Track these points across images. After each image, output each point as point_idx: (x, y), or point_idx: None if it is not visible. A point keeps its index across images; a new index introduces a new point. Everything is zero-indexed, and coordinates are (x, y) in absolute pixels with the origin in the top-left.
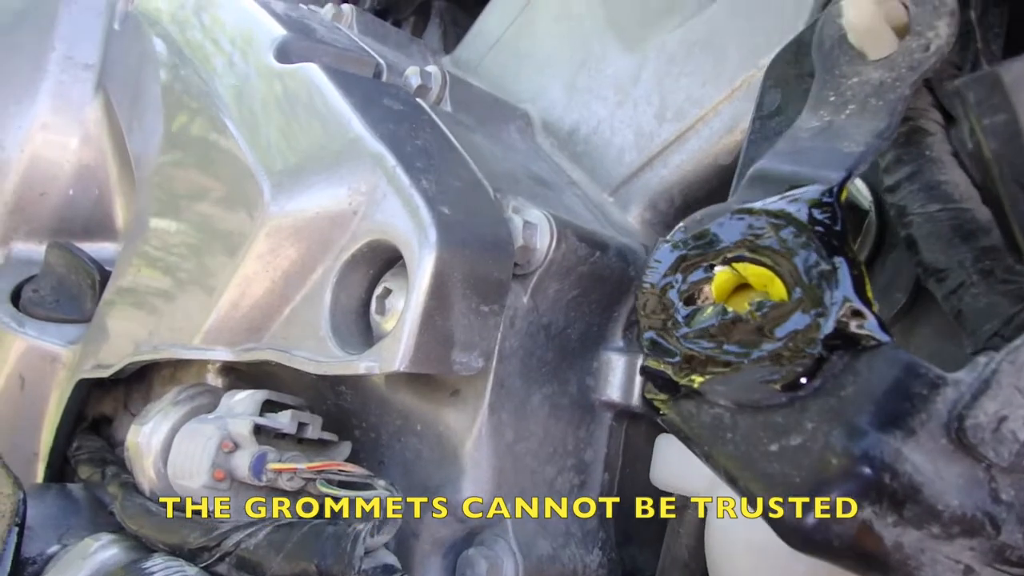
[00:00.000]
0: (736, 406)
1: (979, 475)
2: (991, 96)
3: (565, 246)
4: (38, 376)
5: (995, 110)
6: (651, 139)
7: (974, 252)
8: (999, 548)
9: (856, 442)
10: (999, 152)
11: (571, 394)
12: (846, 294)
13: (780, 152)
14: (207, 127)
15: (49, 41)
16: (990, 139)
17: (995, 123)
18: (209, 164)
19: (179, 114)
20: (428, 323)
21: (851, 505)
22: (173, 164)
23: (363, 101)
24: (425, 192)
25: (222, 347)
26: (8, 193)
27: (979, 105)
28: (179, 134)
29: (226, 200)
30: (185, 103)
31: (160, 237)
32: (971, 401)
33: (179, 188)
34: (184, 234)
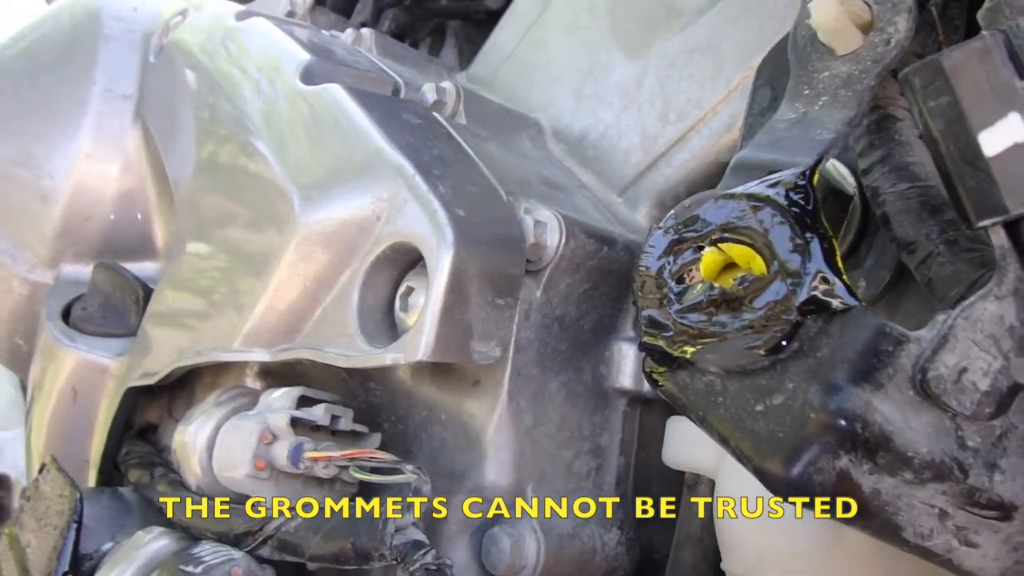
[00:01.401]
0: (725, 372)
1: (945, 424)
2: (934, 81)
3: (574, 242)
4: (89, 388)
5: (938, 93)
6: (655, 141)
7: (940, 225)
8: (968, 491)
9: (831, 397)
10: (944, 131)
11: (586, 382)
12: (818, 266)
13: (759, 142)
14: (236, 152)
15: (91, 76)
16: (936, 120)
17: (939, 105)
18: (239, 189)
19: (208, 142)
20: (448, 315)
21: (829, 455)
22: (207, 189)
23: (383, 116)
24: (442, 197)
25: (260, 348)
26: (56, 219)
27: (924, 89)
28: (209, 160)
29: (256, 223)
30: (214, 131)
31: (194, 262)
32: (932, 355)
33: (209, 214)
34: (217, 258)
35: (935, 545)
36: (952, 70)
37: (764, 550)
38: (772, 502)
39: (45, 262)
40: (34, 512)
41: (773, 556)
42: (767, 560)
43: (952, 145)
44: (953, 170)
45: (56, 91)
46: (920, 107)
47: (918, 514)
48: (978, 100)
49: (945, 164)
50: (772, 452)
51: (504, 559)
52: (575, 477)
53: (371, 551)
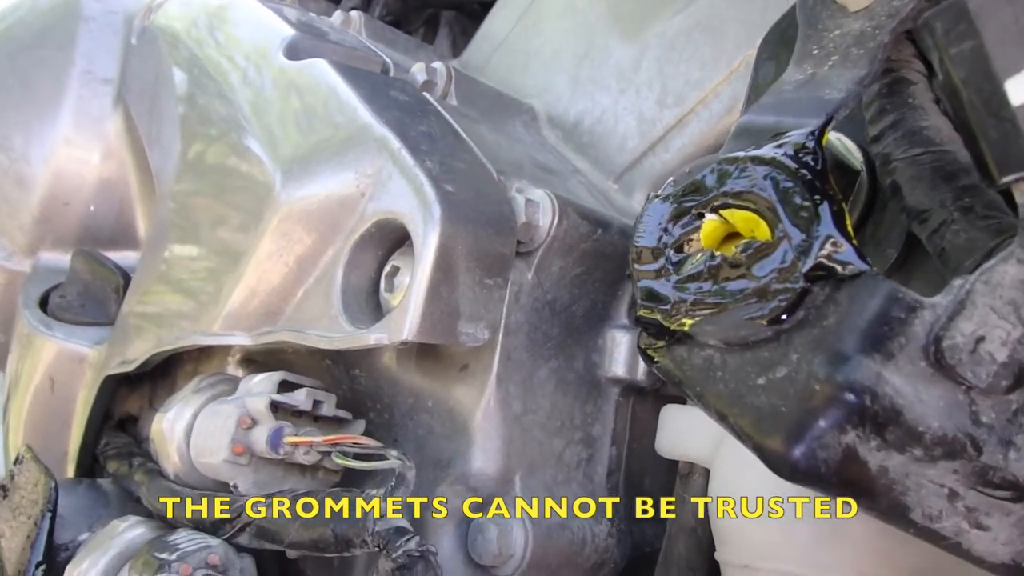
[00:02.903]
0: (725, 345)
1: (959, 398)
2: (957, 24)
3: (567, 223)
4: (67, 377)
5: (962, 38)
6: (653, 125)
7: (955, 191)
8: (981, 470)
9: (838, 368)
10: (967, 79)
11: (577, 370)
12: (827, 230)
13: (764, 105)
14: (226, 153)
15: (70, 58)
16: (958, 67)
17: (962, 51)
18: (227, 191)
19: (196, 142)
20: (434, 294)
21: (835, 430)
22: (192, 193)
23: (369, 92)
24: (429, 171)
25: (240, 332)
26: (34, 205)
27: (946, 34)
28: (196, 162)
29: (244, 226)
30: (202, 131)
31: (178, 260)
32: (947, 322)
33: (199, 216)
34: (206, 259)
35: (944, 528)
36: (977, 12)
37: (760, 540)
38: (772, 501)
39: (23, 250)
40: (9, 503)
41: (770, 546)
42: (763, 550)
43: (975, 94)
44: (976, 122)
45: (34, 74)
46: (941, 54)
47: (927, 494)
48: (1005, 45)
49: (967, 116)
50: (774, 428)
51: (491, 548)
52: (565, 467)
53: (352, 538)
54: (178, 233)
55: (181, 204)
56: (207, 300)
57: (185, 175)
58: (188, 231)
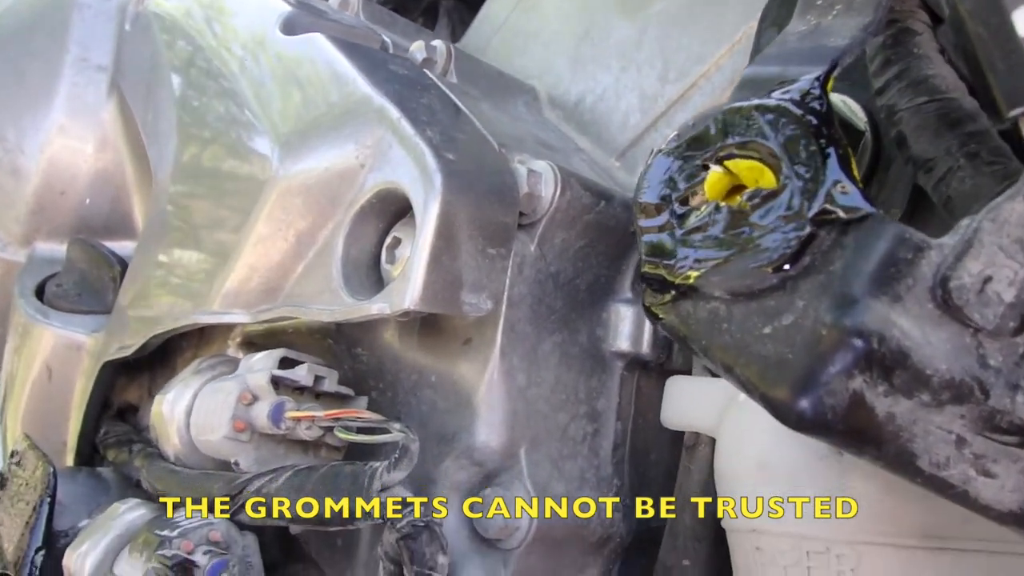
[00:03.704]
0: (731, 296)
1: (966, 340)
2: None
3: (570, 194)
4: (64, 366)
5: None
6: (655, 101)
7: (961, 138)
8: (989, 414)
9: (845, 311)
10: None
11: (581, 343)
12: (834, 174)
13: (768, 55)
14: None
15: (63, 45)
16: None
17: None
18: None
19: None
20: (436, 263)
21: (843, 375)
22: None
23: (368, 65)
24: (430, 140)
25: (239, 309)
26: (29, 195)
27: None
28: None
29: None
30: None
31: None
32: (954, 262)
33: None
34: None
35: (951, 476)
36: None
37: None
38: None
39: (18, 240)
40: (8, 492)
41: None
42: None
43: (982, 27)
44: (983, 56)
45: (27, 62)
46: None
47: (934, 441)
48: None
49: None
50: (780, 377)
51: (496, 522)
52: (571, 441)
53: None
54: (177, 235)
55: (178, 199)
56: (206, 283)
57: (184, 178)
58: (187, 232)
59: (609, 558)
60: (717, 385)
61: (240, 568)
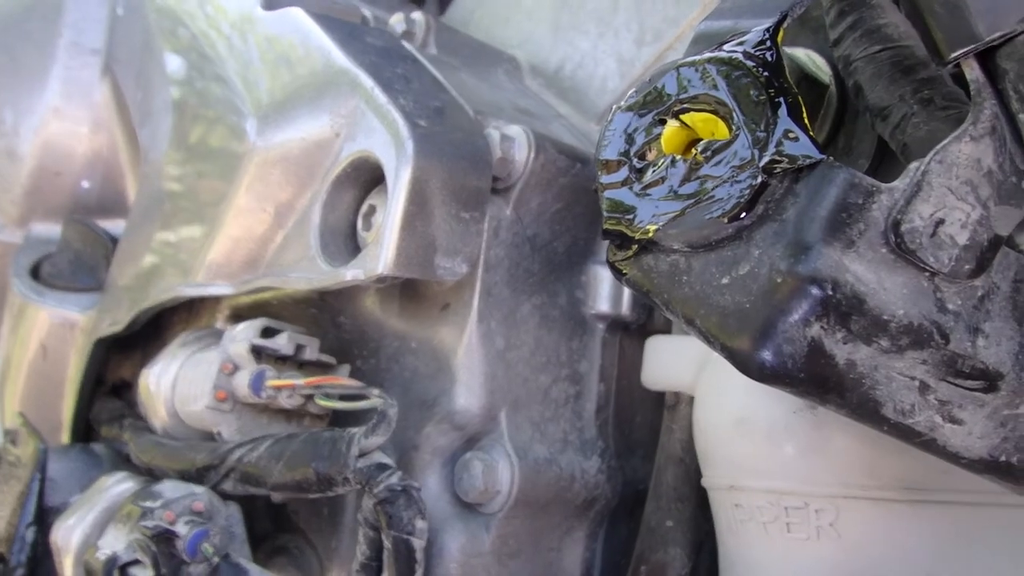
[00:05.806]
0: (689, 248)
1: (923, 284)
2: None
3: (544, 158)
4: (59, 343)
5: None
6: (632, 64)
7: (914, 84)
8: (950, 359)
9: (798, 258)
10: None
11: (561, 306)
12: (784, 123)
13: (721, 9)
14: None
15: (56, 28)
16: None
17: None
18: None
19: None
20: (409, 228)
21: (800, 323)
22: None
23: (344, 38)
24: (402, 108)
25: (223, 281)
26: (24, 177)
27: None
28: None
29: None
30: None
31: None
32: (905, 205)
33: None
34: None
35: (917, 423)
36: None
37: (745, 460)
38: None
39: (14, 221)
40: (3, 469)
41: (755, 465)
42: (749, 469)
43: None
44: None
45: (21, 46)
46: None
47: (897, 388)
48: None
49: None
50: (739, 327)
51: (476, 485)
52: (552, 403)
53: (334, 476)
54: (165, 212)
55: (187, 187)
56: (191, 257)
57: (188, 160)
58: (175, 208)
59: (595, 520)
60: (694, 343)
61: (222, 538)
